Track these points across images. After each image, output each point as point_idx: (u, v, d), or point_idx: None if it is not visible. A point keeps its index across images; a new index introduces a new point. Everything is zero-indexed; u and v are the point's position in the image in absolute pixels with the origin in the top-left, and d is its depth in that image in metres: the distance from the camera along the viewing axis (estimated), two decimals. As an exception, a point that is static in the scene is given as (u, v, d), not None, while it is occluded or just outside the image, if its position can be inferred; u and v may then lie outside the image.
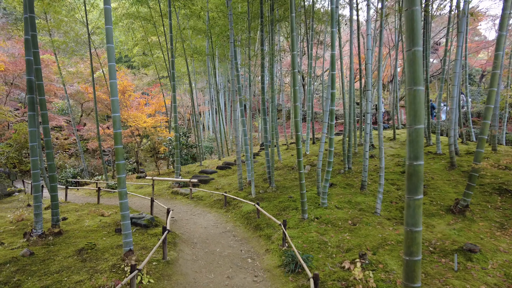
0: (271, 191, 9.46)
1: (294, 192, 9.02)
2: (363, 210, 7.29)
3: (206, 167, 16.38)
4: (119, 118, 5.02)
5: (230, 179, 12.67)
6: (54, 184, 6.47)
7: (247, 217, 7.77)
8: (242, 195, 9.31)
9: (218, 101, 21.66)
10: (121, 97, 18.89)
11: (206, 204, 9.70)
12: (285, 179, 10.86)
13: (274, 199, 8.60)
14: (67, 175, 17.39)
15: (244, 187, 10.42)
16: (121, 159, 5.05)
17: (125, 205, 5.03)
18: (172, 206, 9.73)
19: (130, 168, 24.24)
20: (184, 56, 17.40)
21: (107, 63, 18.56)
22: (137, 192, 12.41)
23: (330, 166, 7.38)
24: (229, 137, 28.11)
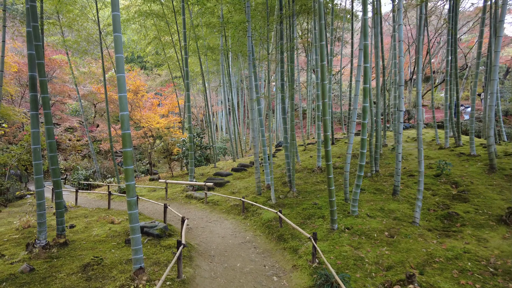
0: (292, 197, 8.75)
1: (318, 198, 8.29)
2: (399, 219, 6.52)
3: (220, 169, 15.78)
4: (128, 117, 4.42)
5: (246, 182, 12.02)
6: (58, 191, 5.93)
7: (268, 226, 7.08)
8: (261, 201, 8.64)
9: (232, 101, 21.08)
10: (133, 97, 18.50)
11: (223, 209, 9.06)
12: (305, 182, 10.14)
13: (297, 205, 7.89)
14: (79, 177, 17.06)
15: (263, 191, 9.75)
16: (130, 164, 4.44)
17: (135, 216, 4.42)
18: (186, 212, 9.14)
19: (143, 170, 23.91)
20: (197, 54, 16.87)
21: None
22: (150, 196, 11.88)
23: (362, 170, 6.64)
24: (242, 137, 27.52)
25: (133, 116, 19.04)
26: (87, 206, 10.99)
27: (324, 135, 5.95)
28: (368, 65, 6.13)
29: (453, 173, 8.83)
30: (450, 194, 7.58)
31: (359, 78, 7.25)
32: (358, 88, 7.39)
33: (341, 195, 8.06)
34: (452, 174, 8.73)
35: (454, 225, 6.11)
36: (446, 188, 8.02)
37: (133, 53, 22.05)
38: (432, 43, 26.47)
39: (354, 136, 17.69)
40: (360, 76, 7.45)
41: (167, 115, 21.43)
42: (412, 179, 8.89)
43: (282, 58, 8.96)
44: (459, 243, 5.28)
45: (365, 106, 6.29)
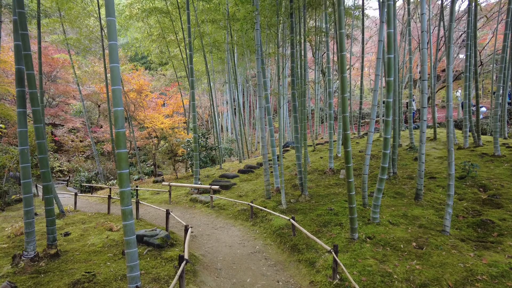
0: (305, 201, 8.12)
1: (333, 202, 7.64)
2: (425, 227, 5.86)
3: (226, 171, 15.19)
4: (122, 114, 3.84)
5: (254, 185, 11.41)
6: (49, 197, 5.36)
7: (280, 234, 6.46)
8: (270, 205, 8.02)
9: (238, 101, 20.50)
10: (137, 97, 18.01)
11: (229, 214, 8.46)
12: (317, 185, 9.50)
13: (310, 211, 7.25)
14: (81, 179, 16.60)
15: (272, 195, 9.13)
16: (125, 167, 3.86)
17: (130, 228, 3.84)
18: (190, 217, 8.55)
19: (148, 171, 23.43)
20: (202, 52, 16.33)
21: (121, 59, 17.68)
22: (153, 199, 11.33)
23: (384, 173, 5.99)
24: (248, 138, 26.94)
25: (137, 116, 18.55)
26: (87, 210, 10.46)
27: (343, 134, 5.32)
28: (392, 55, 5.50)
29: (479, 175, 8.13)
30: (479, 198, 6.89)
31: (379, 71, 6.61)
32: (377, 83, 6.75)
33: (359, 200, 7.41)
34: (478, 177, 8.03)
35: (490, 235, 5.43)
36: (473, 192, 7.33)
37: (137, 53, 21.53)
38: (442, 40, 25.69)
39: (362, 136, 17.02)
40: (381, 70, 6.81)
41: (172, 115, 20.93)
42: (434, 182, 8.21)
43: (293, 52, 8.35)
44: (501, 257, 4.62)
45: (389, 101, 5.65)
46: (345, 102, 5.24)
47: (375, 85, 6.89)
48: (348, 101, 5.27)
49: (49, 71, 21.55)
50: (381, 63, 6.81)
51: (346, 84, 5.24)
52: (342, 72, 5.17)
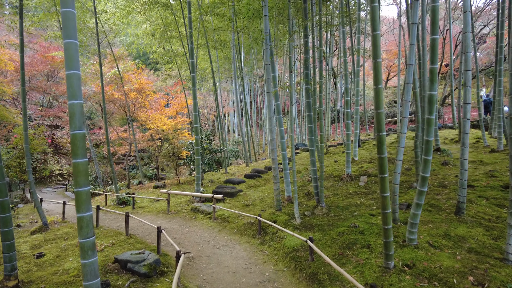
0: (322, 214, 6.97)
1: (355, 217, 6.47)
2: (478, 252, 4.66)
3: (232, 175, 14.11)
4: (80, 109, 2.78)
5: (262, 192, 10.30)
6: (5, 216, 4.30)
7: (294, 258, 5.32)
8: (281, 219, 6.88)
9: (245, 100, 19.43)
10: (138, 96, 17.04)
11: (234, 229, 7.34)
12: (335, 194, 8.34)
13: (330, 227, 6.10)
14: (79, 184, 15.64)
15: (283, 205, 8.00)
16: (83, 184, 2.78)
17: (91, 269, 2.75)
18: (189, 232, 7.46)
19: (151, 175, 22.48)
20: (206, 49, 15.31)
21: (122, 58, 16.73)
22: (150, 208, 10.28)
23: (425, 185, 4.81)
24: (255, 139, 25.86)
25: (138, 117, 17.59)
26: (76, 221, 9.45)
27: (378, 136, 4.17)
28: (437, 36, 4.34)
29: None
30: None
31: (413, 60, 5.46)
32: (410, 75, 5.58)
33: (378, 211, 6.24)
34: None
35: None
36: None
37: (140, 53, 20.63)
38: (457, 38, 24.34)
39: (365, 138, 15.66)
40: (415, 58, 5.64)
41: (175, 116, 19.95)
42: (473, 192, 6.98)
43: (306, 42, 7.22)
44: None
45: (433, 95, 4.48)
46: (379, 95, 4.09)
47: (408, 77, 5.72)
48: (383, 93, 4.15)
49: (49, 70, 20.75)
50: (414, 50, 5.64)
51: (380, 72, 4.10)
52: (375, 57, 4.03)
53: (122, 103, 16.93)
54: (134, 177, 21.38)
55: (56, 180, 20.57)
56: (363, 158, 11.35)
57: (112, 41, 20.29)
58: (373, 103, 4.18)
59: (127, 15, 15.08)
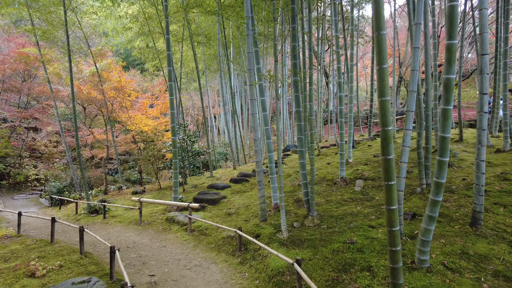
0: (313, 225, 5.98)
1: (352, 229, 5.49)
2: (507, 277, 3.72)
3: (217, 179, 13.08)
4: None
5: (247, 198, 9.31)
6: None
7: (279, 284, 4.31)
8: (266, 232, 5.87)
9: (233, 101, 18.44)
10: (117, 95, 15.91)
11: (211, 243, 6.31)
12: (328, 201, 7.37)
13: (322, 243, 5.11)
14: (51, 189, 14.44)
15: (269, 214, 7.01)
16: None
17: None
18: (160, 247, 6.41)
19: (135, 179, 21.34)
20: (190, 43, 14.28)
21: (101, 55, 15.60)
22: (123, 218, 9.19)
23: (440, 193, 3.86)
24: (246, 142, 24.88)
25: (118, 117, 16.47)
26: (38, 233, 8.33)
27: (383, 131, 3.20)
28: (456, 2, 3.40)
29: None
30: None
31: (418, 43, 4.54)
32: (417, 59, 4.64)
33: (380, 222, 5.28)
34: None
35: None
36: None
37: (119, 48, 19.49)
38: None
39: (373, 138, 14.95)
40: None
41: (159, 117, 18.85)
42: (487, 198, 6.06)
43: (294, 27, 6.26)
44: None
45: (450, 79, 3.53)
46: (384, 78, 3.12)
47: (414, 63, 4.78)
48: (388, 75, 3.20)
49: (24, 69, 19.48)
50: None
51: (385, 48, 3.13)
52: (379, 29, 3.06)
53: (101, 103, 15.79)
54: (116, 182, 20.21)
55: (32, 186, 19.29)
56: (358, 160, 10.43)
57: (93, 39, 19.13)
58: (376, 90, 3.21)
59: (105, 8, 14.00)
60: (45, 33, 13.34)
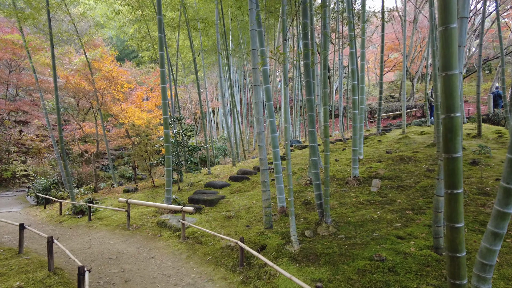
0: (328, 234, 5.06)
1: (377, 240, 4.55)
2: None
3: (215, 177, 12.15)
4: None
5: (248, 199, 8.37)
6: None
7: (293, 316, 3.39)
8: (273, 243, 4.94)
9: (232, 93, 17.45)
10: (107, 86, 14.90)
11: (207, 254, 5.37)
12: (341, 203, 6.45)
13: (342, 259, 4.18)
14: (37, 187, 13.48)
15: (275, 219, 6.08)
16: None
17: None
18: (147, 258, 5.47)
19: (130, 175, 20.40)
20: (186, 30, 13.26)
21: (92, 44, 14.51)
22: (110, 220, 8.25)
23: (510, 203, 2.92)
24: (245, 137, 23.95)
25: (110, 110, 15.47)
26: (10, 239, 7.36)
27: (445, 120, 2.26)
28: None
29: None
30: None
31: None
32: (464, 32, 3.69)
33: (418, 235, 4.34)
34: None
35: None
36: None
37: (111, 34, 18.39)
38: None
39: (382, 133, 13.90)
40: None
41: (154, 110, 17.86)
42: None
43: (305, 0, 5.29)
44: None
45: None
46: (451, 42, 2.17)
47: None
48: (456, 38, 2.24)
49: (11, 58, 18.38)
50: None
51: (453, 5, 2.18)
52: None
53: (91, 94, 14.78)
54: (109, 178, 19.26)
55: (20, 182, 18.30)
56: (369, 157, 9.50)
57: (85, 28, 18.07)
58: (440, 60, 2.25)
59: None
60: (29, 17, 12.27)
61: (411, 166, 7.96)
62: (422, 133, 12.32)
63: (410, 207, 5.58)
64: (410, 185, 6.73)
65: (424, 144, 10.17)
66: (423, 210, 5.35)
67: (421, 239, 4.34)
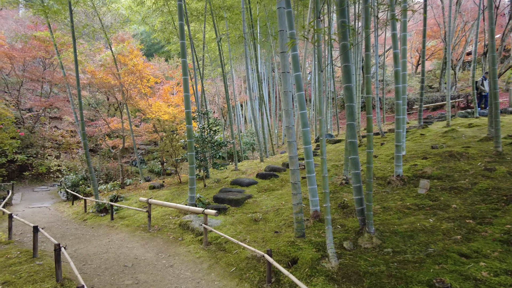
0: (371, 247, 4.28)
1: (434, 258, 3.71)
2: None
3: (242, 173, 11.57)
4: None
5: (277, 198, 7.69)
6: None
7: None
8: (306, 256, 4.24)
9: (260, 86, 16.73)
10: (137, 81, 14.70)
11: (231, 265, 4.77)
12: (384, 207, 5.60)
13: (392, 281, 3.41)
14: (66, 183, 13.56)
15: (307, 226, 5.35)
16: None
17: None
18: (166, 267, 4.95)
19: (159, 170, 20.36)
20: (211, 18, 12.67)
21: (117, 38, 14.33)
22: (131, 220, 7.88)
23: None
24: (274, 131, 23.25)
25: (136, 105, 15.30)
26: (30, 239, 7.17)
27: None
28: None
29: None
30: None
31: None
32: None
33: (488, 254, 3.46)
34: None
35: None
36: None
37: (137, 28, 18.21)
38: None
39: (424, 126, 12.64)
40: None
41: (180, 104, 17.55)
42: None
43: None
44: None
45: None
46: None
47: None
48: None
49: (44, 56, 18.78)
50: None
51: None
52: None
53: (118, 88, 14.64)
54: (138, 173, 19.30)
55: (54, 177, 18.72)
56: (412, 153, 8.49)
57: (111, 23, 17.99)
58: None
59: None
60: (56, 13, 12.22)
61: (464, 164, 6.93)
62: (470, 126, 11.03)
63: (470, 215, 4.66)
64: (465, 187, 5.75)
65: (475, 138, 9.00)
66: (488, 219, 4.42)
67: (493, 260, 3.46)
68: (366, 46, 4.55)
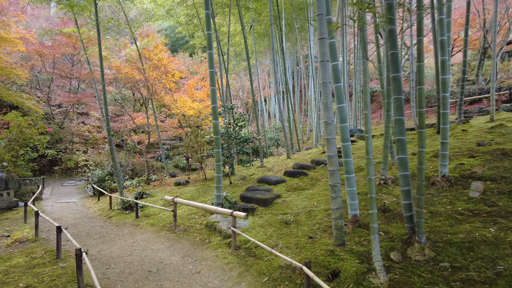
0: (423, 259, 3.74)
1: (504, 278, 3.16)
2: None
3: (269, 170, 11.15)
4: None
5: (308, 199, 7.22)
6: None
7: None
8: (348, 269, 3.77)
9: (286, 79, 16.17)
10: (161, 76, 14.55)
11: (263, 274, 4.36)
12: (432, 213, 5.00)
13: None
14: (93, 178, 13.64)
15: (346, 231, 4.86)
16: None
17: None
18: (192, 273, 4.61)
19: (184, 165, 20.30)
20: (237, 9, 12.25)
21: (141, 34, 14.20)
22: (157, 219, 7.66)
23: None
24: (299, 126, 22.65)
25: (161, 100, 15.18)
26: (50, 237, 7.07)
27: None
28: None
29: None
30: None
31: None
32: None
33: None
34: None
35: None
36: None
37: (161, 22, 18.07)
38: None
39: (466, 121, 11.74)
40: None
41: (205, 99, 17.32)
42: None
43: None
44: None
45: None
46: None
47: None
48: None
49: (69, 53, 19.06)
50: None
51: None
52: None
53: (143, 83, 14.56)
54: (163, 168, 19.31)
55: (82, 172, 19.05)
56: (456, 150, 7.76)
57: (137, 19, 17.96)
58: None
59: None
60: (83, 9, 12.21)
61: (499, 163, 6.20)
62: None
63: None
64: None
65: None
66: None
67: None
68: (419, 30, 3.98)
